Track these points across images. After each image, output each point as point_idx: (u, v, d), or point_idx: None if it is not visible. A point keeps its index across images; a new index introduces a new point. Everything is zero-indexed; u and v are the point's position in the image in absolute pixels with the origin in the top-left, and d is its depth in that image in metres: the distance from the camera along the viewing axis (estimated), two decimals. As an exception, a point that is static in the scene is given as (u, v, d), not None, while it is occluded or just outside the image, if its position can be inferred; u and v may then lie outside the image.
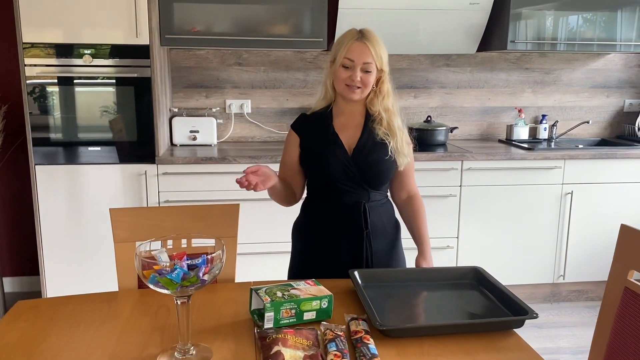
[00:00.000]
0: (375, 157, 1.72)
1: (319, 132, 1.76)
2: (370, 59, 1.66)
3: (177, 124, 3.28)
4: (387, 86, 1.74)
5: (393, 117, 1.74)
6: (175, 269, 1.11)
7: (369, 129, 1.74)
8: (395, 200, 1.89)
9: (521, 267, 3.30)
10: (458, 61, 3.63)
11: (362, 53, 1.65)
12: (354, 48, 1.66)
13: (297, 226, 1.88)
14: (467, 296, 1.51)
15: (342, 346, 1.18)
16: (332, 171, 1.69)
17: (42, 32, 2.75)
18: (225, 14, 3.06)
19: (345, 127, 1.76)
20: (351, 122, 1.76)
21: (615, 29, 3.32)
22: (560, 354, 2.83)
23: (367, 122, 1.75)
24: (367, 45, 1.65)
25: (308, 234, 1.83)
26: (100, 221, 2.89)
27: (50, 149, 2.87)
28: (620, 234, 1.37)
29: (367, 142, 1.73)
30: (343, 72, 1.67)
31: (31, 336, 1.27)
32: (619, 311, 1.34)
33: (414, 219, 1.83)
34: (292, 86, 3.53)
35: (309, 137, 1.78)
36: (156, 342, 1.25)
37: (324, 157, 1.72)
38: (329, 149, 1.72)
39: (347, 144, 1.74)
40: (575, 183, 3.24)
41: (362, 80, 1.67)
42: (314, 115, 1.81)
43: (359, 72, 1.66)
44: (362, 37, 1.67)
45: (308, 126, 1.79)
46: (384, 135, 1.72)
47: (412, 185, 1.86)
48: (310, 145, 1.77)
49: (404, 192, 1.86)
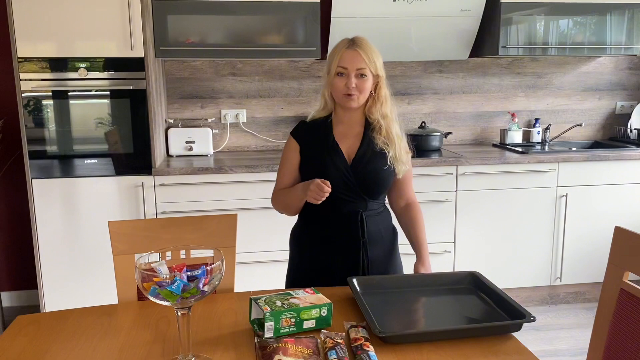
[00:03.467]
0: (374, 166, 1.74)
1: (319, 140, 1.77)
2: (363, 64, 1.67)
3: (173, 135, 3.29)
4: (384, 91, 1.75)
5: (391, 124, 1.76)
6: (175, 280, 1.12)
7: (368, 138, 1.75)
8: (394, 208, 1.91)
9: (518, 270, 3.31)
10: (450, 67, 3.66)
11: (354, 60, 1.67)
12: (346, 56, 1.68)
13: (295, 234, 1.89)
14: (465, 301, 1.52)
15: (342, 354, 1.19)
16: (331, 180, 1.68)
17: (37, 47, 2.76)
18: (219, 25, 3.08)
19: (344, 136, 1.77)
20: (351, 131, 1.78)
21: (605, 32, 3.36)
22: (558, 356, 2.84)
23: (367, 131, 1.76)
24: (359, 52, 1.67)
25: (305, 242, 1.84)
26: (98, 234, 2.89)
27: (47, 163, 2.88)
28: (615, 236, 1.39)
29: (366, 152, 1.74)
30: (338, 81, 1.69)
31: (32, 351, 1.27)
32: (615, 312, 1.35)
33: (412, 226, 1.84)
34: (286, 95, 3.55)
35: (308, 144, 1.78)
36: (157, 353, 1.26)
37: (323, 166, 1.73)
38: (329, 157, 1.73)
39: (346, 153, 1.75)
40: (569, 185, 3.26)
41: (358, 86, 1.68)
42: (313, 123, 1.81)
43: (354, 79, 1.67)
44: (353, 44, 1.69)
45: (308, 134, 1.80)
46: (383, 144, 1.74)
47: (410, 193, 1.88)
48: (309, 153, 1.78)
49: (402, 200, 1.88)
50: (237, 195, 3.00)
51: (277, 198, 1.84)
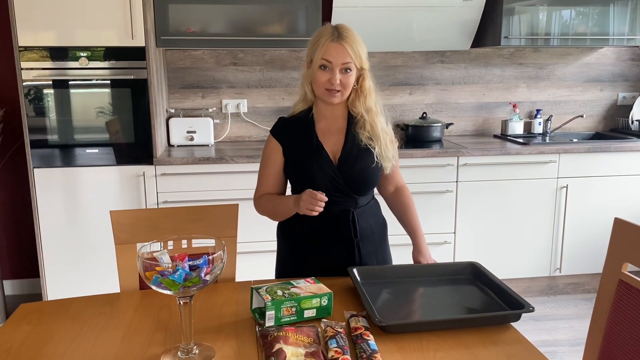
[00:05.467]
0: (361, 165, 1.67)
1: (302, 140, 1.68)
2: (349, 58, 1.58)
3: (174, 125, 3.29)
4: (368, 83, 1.66)
5: (376, 117, 1.68)
6: (177, 270, 1.13)
7: (352, 134, 1.68)
8: (383, 194, 1.87)
9: (518, 261, 3.33)
10: (452, 58, 3.65)
11: (339, 54, 1.57)
12: (331, 49, 1.57)
13: (283, 231, 1.81)
14: (465, 291, 1.53)
15: (342, 343, 1.20)
16: (319, 183, 1.63)
17: (38, 36, 2.76)
18: (220, 14, 3.07)
19: (327, 133, 1.70)
20: (333, 126, 1.70)
21: (608, 23, 3.34)
22: (557, 346, 2.86)
23: (350, 126, 1.69)
24: (344, 46, 1.57)
25: (295, 241, 1.77)
26: (100, 223, 2.91)
27: (48, 152, 2.88)
28: (614, 228, 1.39)
29: (351, 150, 1.67)
30: (321, 75, 1.60)
31: (36, 338, 1.29)
32: (613, 303, 1.36)
33: (404, 212, 1.82)
34: (287, 85, 3.54)
35: (291, 145, 1.69)
36: (159, 342, 1.27)
37: (308, 170, 1.66)
38: (315, 161, 1.66)
39: (331, 152, 1.68)
40: (570, 177, 3.26)
41: (342, 82, 1.59)
42: (294, 119, 1.72)
43: (338, 74, 1.58)
44: (338, 36, 1.58)
45: (289, 132, 1.71)
46: (367, 140, 1.67)
47: (399, 178, 1.84)
48: (293, 155, 1.69)
49: (392, 186, 1.84)
50: (238, 185, 3.00)
51: (262, 204, 1.74)
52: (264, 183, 1.75)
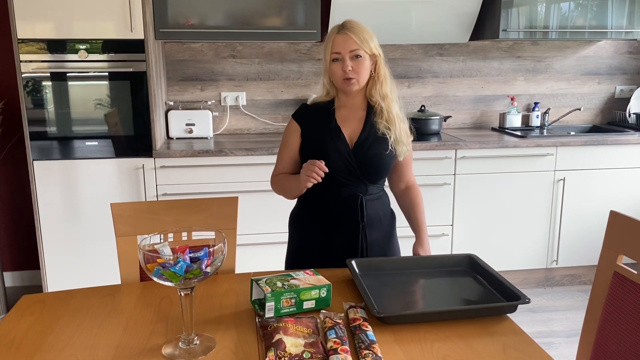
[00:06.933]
0: (376, 151, 1.74)
1: (321, 123, 1.77)
2: (355, 45, 1.67)
3: (173, 117, 3.30)
4: (384, 70, 1.74)
5: (391, 104, 1.75)
6: (178, 261, 1.14)
7: (370, 122, 1.76)
8: (394, 190, 1.93)
9: (515, 253, 3.35)
10: (451, 50, 3.65)
11: (345, 43, 1.68)
12: (337, 41, 1.69)
13: (294, 217, 1.91)
14: (462, 283, 1.54)
15: (341, 333, 1.21)
16: (332, 163, 1.69)
17: (36, 28, 2.75)
18: (218, 6, 3.07)
19: (347, 120, 1.77)
20: (353, 116, 1.78)
21: (606, 16, 3.34)
22: (553, 337, 2.89)
23: (369, 116, 1.76)
24: (349, 34, 1.67)
25: (305, 225, 1.85)
26: (99, 215, 2.92)
27: (47, 145, 2.89)
28: (610, 220, 1.41)
29: (368, 136, 1.75)
30: (335, 67, 1.70)
31: (38, 329, 1.30)
32: (608, 295, 1.38)
33: (412, 208, 1.88)
34: (286, 78, 3.55)
35: (310, 127, 1.78)
36: (161, 332, 1.28)
37: (325, 149, 1.73)
38: (331, 140, 1.73)
39: (349, 137, 1.75)
40: (567, 169, 3.28)
41: (354, 68, 1.68)
42: (315, 106, 1.81)
43: (349, 62, 1.67)
44: (343, 28, 1.70)
45: (309, 116, 1.80)
46: (384, 128, 1.73)
47: (410, 176, 1.90)
48: (311, 136, 1.77)
49: (403, 183, 1.90)
50: (237, 178, 3.01)
51: (276, 182, 1.84)
52: (280, 164, 1.85)
